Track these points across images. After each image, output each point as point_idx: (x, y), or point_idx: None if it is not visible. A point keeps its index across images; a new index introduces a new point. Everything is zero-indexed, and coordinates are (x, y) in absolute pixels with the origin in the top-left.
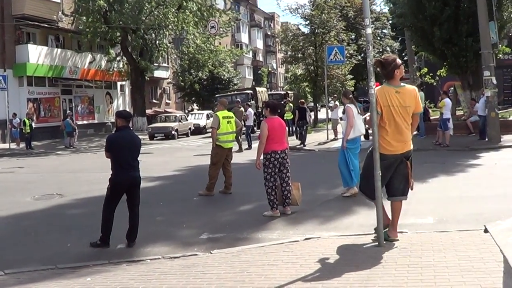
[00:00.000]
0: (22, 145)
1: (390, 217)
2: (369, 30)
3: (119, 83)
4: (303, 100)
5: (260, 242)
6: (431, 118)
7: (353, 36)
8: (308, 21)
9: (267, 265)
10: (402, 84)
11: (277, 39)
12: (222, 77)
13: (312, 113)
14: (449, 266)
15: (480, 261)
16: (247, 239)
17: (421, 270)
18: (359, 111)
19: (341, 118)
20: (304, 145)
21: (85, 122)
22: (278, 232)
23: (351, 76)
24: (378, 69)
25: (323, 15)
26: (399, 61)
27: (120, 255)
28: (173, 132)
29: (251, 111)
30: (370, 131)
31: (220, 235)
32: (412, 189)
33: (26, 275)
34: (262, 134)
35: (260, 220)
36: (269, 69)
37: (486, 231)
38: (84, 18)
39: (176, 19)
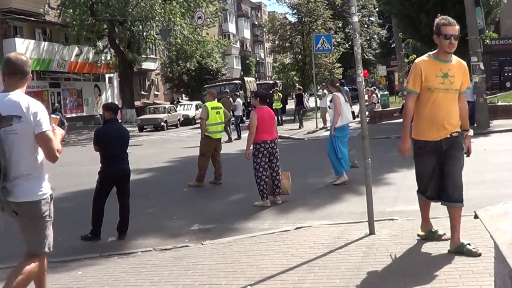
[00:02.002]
0: None
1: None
2: (355, 18)
3: (107, 76)
4: (300, 87)
5: (251, 232)
6: None
7: (340, 24)
8: (295, 10)
9: (258, 255)
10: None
11: (264, 29)
12: (210, 67)
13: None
14: (440, 253)
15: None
16: (238, 230)
17: (412, 257)
18: (347, 99)
19: (329, 107)
20: (301, 127)
21: (74, 115)
22: (269, 222)
23: (339, 65)
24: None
25: (310, 3)
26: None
27: (111, 248)
28: (162, 124)
29: (239, 101)
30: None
31: (211, 226)
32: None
33: None
34: (251, 124)
35: (250, 210)
36: (257, 59)
37: (476, 217)
38: (71, 10)
39: (163, 10)
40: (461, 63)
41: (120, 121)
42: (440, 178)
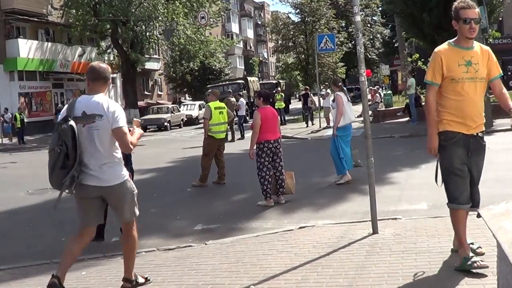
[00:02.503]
0: (15, 140)
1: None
2: (358, 18)
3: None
4: (307, 87)
5: (255, 231)
6: (423, 104)
7: (343, 24)
8: (298, 10)
9: (262, 254)
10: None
11: (267, 29)
12: (213, 67)
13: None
14: (444, 252)
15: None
16: (242, 229)
17: (416, 256)
18: (349, 99)
19: (332, 106)
20: (311, 124)
21: None
22: (273, 222)
23: (342, 64)
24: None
25: (313, 3)
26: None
27: (115, 248)
28: (165, 124)
29: (243, 101)
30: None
31: (214, 226)
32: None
33: (21, 270)
34: (255, 123)
35: (254, 210)
36: (260, 59)
37: (478, 216)
38: (74, 11)
39: (166, 10)
40: (484, 49)
41: None
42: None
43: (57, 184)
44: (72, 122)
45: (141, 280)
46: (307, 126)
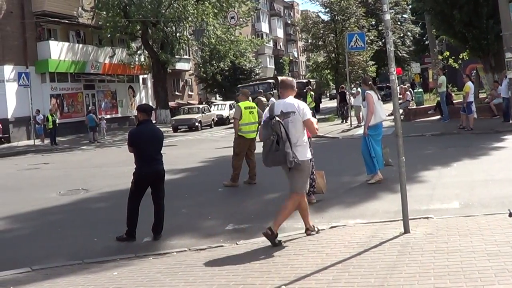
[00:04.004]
0: (47, 141)
1: None
2: (387, 16)
3: (141, 77)
4: (343, 86)
5: (286, 231)
6: (454, 101)
7: (373, 22)
8: (328, 9)
9: (293, 254)
10: None
11: (297, 28)
12: (243, 67)
13: (335, 101)
14: (476, 251)
15: (507, 245)
16: None
17: (448, 256)
18: (380, 98)
19: (363, 105)
20: (345, 122)
21: (108, 116)
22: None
23: (373, 62)
24: None
25: (343, 1)
26: None
27: (146, 249)
28: (196, 124)
29: (273, 100)
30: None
31: (245, 226)
32: None
33: (53, 270)
34: None
35: None
36: (290, 58)
37: (510, 215)
38: (104, 13)
39: (195, 11)
40: None
41: (154, 122)
42: None
43: (272, 163)
44: (278, 118)
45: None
46: (343, 122)
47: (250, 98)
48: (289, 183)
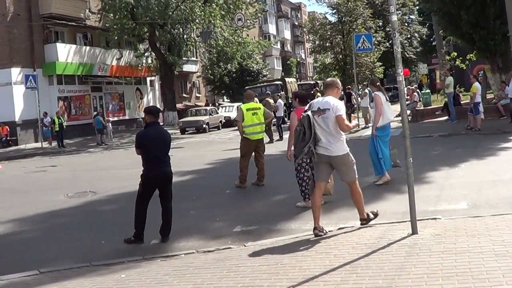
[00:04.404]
0: (54, 143)
1: None
2: (394, 17)
3: (148, 79)
4: (349, 86)
5: (294, 233)
6: (462, 102)
7: (380, 23)
8: (335, 10)
9: (301, 256)
10: None
11: (304, 29)
12: (251, 69)
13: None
14: (484, 252)
15: None
16: (281, 231)
17: (456, 257)
18: (387, 99)
19: (370, 106)
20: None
21: (116, 118)
22: (312, 223)
23: (380, 63)
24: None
25: (350, 3)
26: None
27: (154, 251)
28: (204, 126)
29: (281, 102)
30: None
31: (253, 227)
32: None
33: (61, 273)
34: (292, 125)
35: (293, 211)
36: (298, 59)
37: None
38: (111, 15)
39: (202, 13)
40: None
41: (161, 124)
42: None
43: (299, 152)
44: (309, 113)
45: (371, 216)
46: (350, 122)
47: (256, 99)
48: (341, 176)
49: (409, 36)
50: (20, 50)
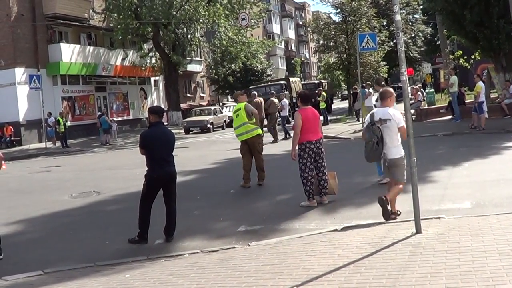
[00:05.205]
0: (58, 143)
1: None
2: (398, 17)
3: (152, 79)
4: (356, 86)
5: (298, 232)
6: (466, 101)
7: (384, 23)
8: (339, 9)
9: (305, 255)
10: None
11: (308, 29)
12: (255, 68)
13: (346, 101)
14: (487, 251)
15: None
16: (285, 230)
17: (459, 256)
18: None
19: (375, 106)
20: (358, 120)
21: (120, 118)
22: (316, 222)
23: (384, 63)
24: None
25: (354, 2)
26: None
27: (158, 251)
28: (208, 126)
29: (286, 101)
30: None
31: (257, 227)
32: None
33: (65, 273)
34: (296, 124)
35: (297, 211)
36: (302, 59)
37: None
38: (115, 15)
39: (206, 12)
40: None
41: (166, 124)
42: None
43: (372, 159)
44: (378, 124)
45: (398, 213)
46: (358, 120)
47: (260, 98)
48: (390, 175)
49: (413, 35)
50: (24, 50)
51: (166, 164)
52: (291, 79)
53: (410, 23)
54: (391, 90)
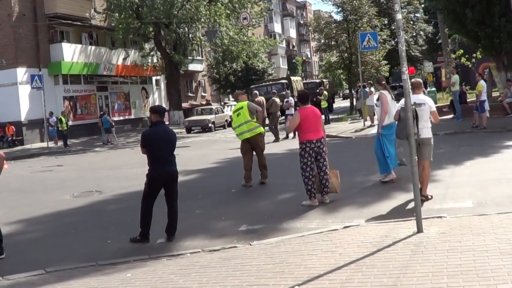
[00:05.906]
0: (60, 143)
1: None
2: (399, 16)
3: (154, 78)
4: (359, 85)
5: (299, 232)
6: (468, 100)
7: (385, 22)
8: (340, 8)
9: (306, 254)
10: None
11: (310, 28)
12: (256, 67)
13: (348, 100)
14: (489, 250)
15: None
16: (286, 229)
17: (461, 255)
18: (393, 97)
19: (376, 105)
20: (362, 118)
21: (121, 118)
22: (317, 221)
23: (386, 62)
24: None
25: (355, 1)
26: None
27: (160, 250)
28: (210, 125)
29: (292, 99)
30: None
31: (259, 226)
32: None
33: (67, 272)
34: (290, 123)
35: (298, 210)
36: (303, 58)
37: None
38: (117, 14)
39: (208, 12)
40: None
41: (167, 123)
42: None
43: (405, 136)
44: (414, 106)
45: (429, 197)
46: (361, 118)
47: (262, 97)
48: (420, 154)
49: (414, 34)
50: (25, 50)
51: (167, 164)
52: (292, 78)
53: (411, 22)
54: (420, 80)
